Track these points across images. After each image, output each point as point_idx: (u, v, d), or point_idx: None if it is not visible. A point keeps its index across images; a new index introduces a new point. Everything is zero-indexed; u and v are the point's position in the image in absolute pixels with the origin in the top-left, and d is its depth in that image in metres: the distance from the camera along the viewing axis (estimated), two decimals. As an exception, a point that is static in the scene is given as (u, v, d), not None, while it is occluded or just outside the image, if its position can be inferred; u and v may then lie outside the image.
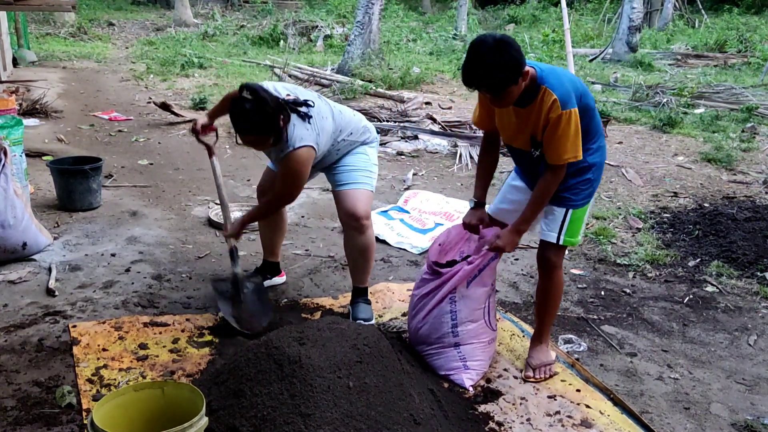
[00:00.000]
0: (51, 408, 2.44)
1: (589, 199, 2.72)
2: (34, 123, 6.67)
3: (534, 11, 20.15)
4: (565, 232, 2.69)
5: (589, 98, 2.59)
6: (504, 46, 2.31)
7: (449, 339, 2.79)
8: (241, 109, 2.74)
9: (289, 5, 19.51)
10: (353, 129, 3.13)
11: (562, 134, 2.44)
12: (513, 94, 2.41)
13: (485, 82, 2.36)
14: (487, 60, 2.31)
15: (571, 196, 2.67)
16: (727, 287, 3.86)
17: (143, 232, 4.21)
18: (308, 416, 2.08)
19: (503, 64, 2.30)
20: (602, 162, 2.72)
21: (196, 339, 2.97)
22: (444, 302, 2.78)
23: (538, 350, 2.88)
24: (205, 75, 10.30)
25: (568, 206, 2.68)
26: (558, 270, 2.79)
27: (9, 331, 2.96)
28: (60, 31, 14.05)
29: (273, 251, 3.53)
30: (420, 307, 2.88)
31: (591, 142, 2.65)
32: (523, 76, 2.37)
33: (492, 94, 2.41)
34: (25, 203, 3.73)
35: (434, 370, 2.83)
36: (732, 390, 2.87)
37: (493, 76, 2.33)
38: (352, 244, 3.19)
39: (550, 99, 2.42)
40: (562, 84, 2.44)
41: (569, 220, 2.68)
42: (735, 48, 14.39)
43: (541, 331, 2.90)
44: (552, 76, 2.47)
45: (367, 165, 3.19)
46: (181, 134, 6.81)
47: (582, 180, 2.66)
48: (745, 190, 5.66)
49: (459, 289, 2.75)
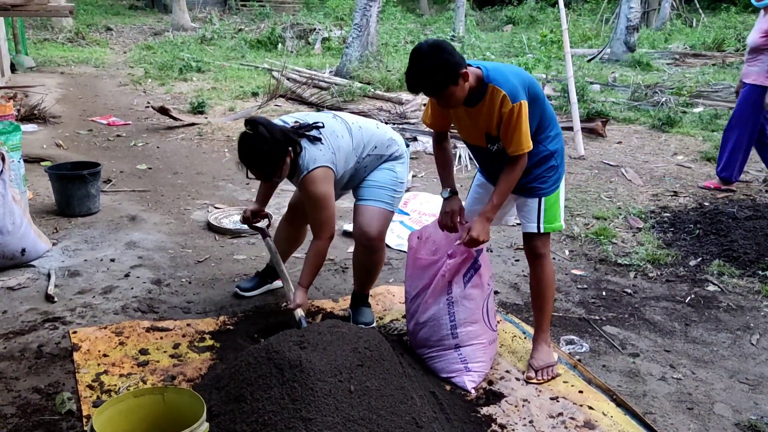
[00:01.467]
0: (51, 415, 2.42)
1: (558, 183, 2.80)
2: (32, 128, 6.67)
3: (531, 12, 20.17)
4: (543, 219, 2.78)
5: (536, 88, 2.65)
6: (437, 50, 2.45)
7: (449, 341, 2.78)
8: (243, 144, 2.82)
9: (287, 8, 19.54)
10: (377, 142, 3.10)
11: (516, 126, 2.52)
12: (456, 95, 2.51)
13: (424, 85, 2.49)
14: (423, 65, 2.44)
15: (539, 185, 2.76)
16: (728, 286, 3.85)
17: (142, 236, 4.20)
18: (309, 421, 2.07)
19: (438, 68, 2.42)
20: (563, 147, 2.82)
21: (197, 344, 2.96)
22: (441, 304, 2.78)
23: (540, 351, 2.88)
24: (204, 79, 10.30)
25: (540, 195, 2.77)
26: (546, 258, 2.84)
27: (8, 337, 2.94)
28: (58, 36, 14.06)
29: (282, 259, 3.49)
30: (415, 309, 2.87)
31: (548, 129, 2.74)
32: (462, 77, 2.47)
33: (433, 96, 2.54)
34: (23, 209, 3.72)
35: (435, 372, 2.81)
36: (735, 390, 2.86)
37: (429, 79, 2.45)
38: (360, 259, 3.17)
39: (499, 95, 2.51)
40: (508, 80, 2.53)
41: (544, 207, 2.77)
42: (733, 46, 14.39)
43: (541, 327, 2.90)
44: (497, 73, 2.56)
45: (392, 183, 3.13)
46: (180, 138, 6.81)
47: (547, 168, 2.75)
48: (745, 189, 5.65)
49: (456, 291, 2.74)
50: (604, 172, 6.12)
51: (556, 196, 2.80)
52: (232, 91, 9.27)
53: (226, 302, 3.40)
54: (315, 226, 2.97)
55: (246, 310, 3.32)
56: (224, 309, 3.33)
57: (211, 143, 6.68)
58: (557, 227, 2.83)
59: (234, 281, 3.63)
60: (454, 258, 2.72)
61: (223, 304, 3.39)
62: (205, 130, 7.11)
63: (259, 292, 3.48)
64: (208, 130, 7.11)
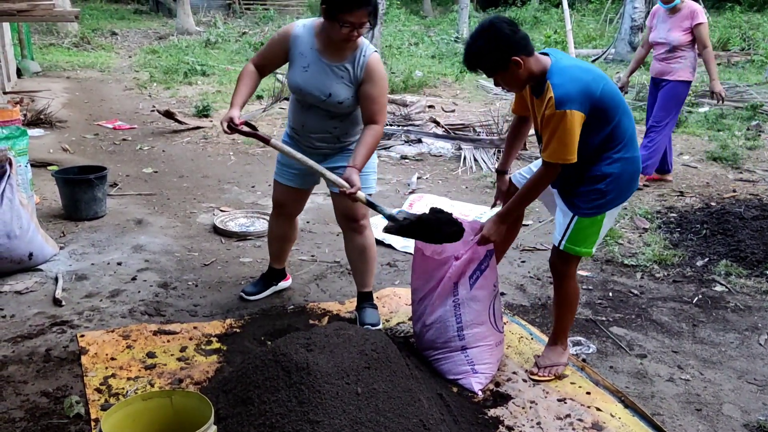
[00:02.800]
0: (59, 418, 2.43)
1: (601, 211, 2.61)
2: (38, 133, 6.69)
3: (535, 13, 20.14)
4: (567, 237, 2.65)
5: (614, 99, 2.48)
6: (490, 32, 2.41)
7: (456, 343, 2.77)
8: None
9: (291, 11, 19.57)
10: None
11: (552, 133, 2.44)
12: (506, 80, 2.49)
13: (474, 65, 2.50)
14: (475, 46, 2.45)
15: (578, 202, 2.63)
16: (736, 286, 3.84)
17: (149, 240, 4.21)
18: (317, 423, 2.07)
19: (487, 51, 2.42)
20: (622, 174, 2.57)
21: (204, 347, 2.97)
22: (447, 306, 2.77)
23: (551, 350, 2.87)
24: (208, 82, 10.33)
25: (575, 212, 2.64)
26: (567, 280, 2.75)
27: (16, 341, 2.96)
28: (63, 41, 14.11)
29: (281, 258, 3.50)
30: (422, 311, 2.86)
31: (612, 150, 2.55)
32: (515, 64, 2.43)
33: (487, 75, 2.52)
34: (30, 213, 3.73)
35: (442, 374, 2.81)
36: (744, 390, 2.84)
37: (479, 60, 2.47)
38: (351, 246, 3.18)
39: (548, 95, 2.43)
40: (564, 84, 2.41)
41: (573, 226, 2.64)
42: (738, 46, 14.34)
43: (557, 334, 2.88)
44: (561, 72, 2.45)
45: (370, 166, 3.08)
46: (185, 142, 6.83)
47: (592, 189, 2.58)
48: (752, 189, 5.62)
49: (462, 293, 2.74)
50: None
51: (593, 221, 2.61)
52: (237, 95, 9.27)
53: (232, 305, 3.41)
54: (378, 110, 2.82)
55: (253, 313, 3.32)
56: (231, 312, 3.33)
57: (216, 146, 6.69)
58: (583, 252, 2.66)
59: (240, 284, 3.64)
60: (461, 259, 2.72)
61: (230, 306, 3.39)
62: (210, 134, 7.12)
63: (265, 295, 3.48)
64: (213, 134, 7.13)
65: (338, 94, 2.83)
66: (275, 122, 7.75)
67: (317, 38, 2.84)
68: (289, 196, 3.24)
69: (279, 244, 3.44)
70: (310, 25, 2.89)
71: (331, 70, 2.83)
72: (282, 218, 3.35)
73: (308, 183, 3.22)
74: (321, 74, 2.83)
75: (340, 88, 2.83)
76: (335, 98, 2.84)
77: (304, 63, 2.85)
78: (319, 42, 2.84)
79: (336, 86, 2.83)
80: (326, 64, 2.83)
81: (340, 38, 2.72)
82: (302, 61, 2.85)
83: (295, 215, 3.39)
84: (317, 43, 2.84)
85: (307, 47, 2.85)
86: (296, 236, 3.52)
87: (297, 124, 3.01)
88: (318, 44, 2.84)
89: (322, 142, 2.98)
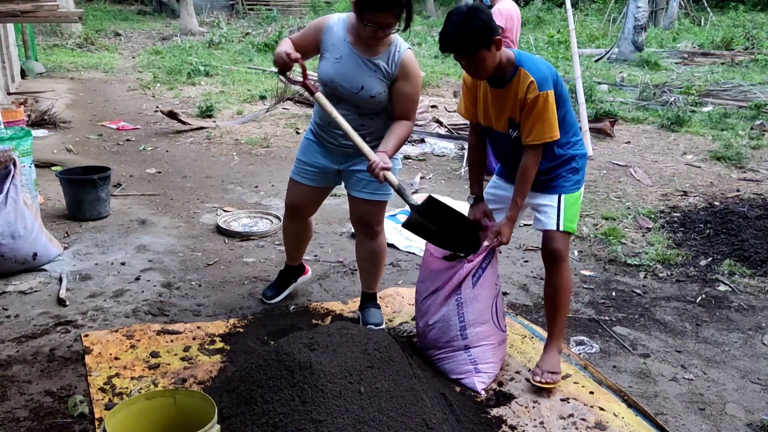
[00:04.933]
0: (63, 418, 2.44)
1: (579, 185, 2.77)
2: (42, 134, 6.71)
3: (538, 12, 20.15)
4: (563, 217, 2.72)
5: (564, 89, 2.64)
6: (474, 11, 2.46)
7: (458, 342, 2.77)
8: None
9: (294, 11, 19.59)
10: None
11: (537, 115, 2.51)
12: (486, 62, 2.50)
13: (457, 43, 2.47)
14: (458, 23, 2.45)
15: (561, 183, 2.74)
16: (739, 286, 3.83)
17: (152, 240, 4.22)
18: (320, 422, 2.07)
19: (473, 27, 2.43)
20: (584, 154, 2.80)
21: (207, 346, 2.97)
22: (450, 305, 2.77)
23: (549, 356, 2.81)
24: (212, 83, 10.35)
25: (560, 192, 2.73)
26: (564, 263, 2.77)
27: (21, 341, 2.97)
28: (67, 42, 14.15)
29: (297, 256, 3.45)
30: (425, 310, 2.86)
31: (571, 135, 2.73)
32: (496, 44, 2.47)
33: (465, 56, 2.49)
34: (34, 214, 3.75)
35: (445, 374, 2.81)
36: (747, 390, 2.84)
37: (464, 36, 2.44)
38: (362, 249, 3.18)
39: (527, 80, 2.50)
40: (539, 68, 2.53)
41: (564, 205, 2.72)
42: (742, 45, 14.32)
43: (554, 334, 2.84)
44: (529, 60, 2.57)
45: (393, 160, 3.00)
46: (189, 142, 6.84)
47: (569, 168, 2.74)
48: (756, 188, 5.61)
49: (465, 292, 2.74)
50: (613, 172, 6.10)
51: (576, 197, 2.76)
52: (240, 95, 9.30)
53: (236, 305, 3.42)
54: (411, 108, 2.84)
55: (256, 313, 3.33)
56: (234, 311, 3.34)
57: (219, 147, 6.71)
58: (574, 228, 2.76)
59: (244, 284, 3.64)
60: (473, 262, 2.72)
61: (233, 306, 3.40)
62: (214, 134, 7.13)
63: (285, 295, 3.43)
64: (217, 134, 7.14)
65: (371, 88, 2.79)
66: (278, 122, 7.76)
67: (349, 32, 2.83)
68: (307, 196, 3.16)
69: (295, 243, 3.40)
70: (345, 18, 2.88)
71: (365, 64, 2.80)
72: (302, 221, 3.29)
73: (329, 181, 3.14)
74: (354, 66, 2.80)
75: (374, 82, 2.80)
76: (367, 92, 2.80)
77: (337, 54, 2.83)
78: (351, 35, 2.83)
79: (369, 80, 2.79)
80: (359, 57, 2.80)
81: (366, 36, 2.71)
82: (335, 52, 2.83)
83: (308, 216, 3.32)
84: (350, 36, 2.83)
85: (340, 39, 2.84)
86: (311, 234, 3.47)
87: (323, 119, 2.95)
88: (351, 37, 2.83)
89: (347, 140, 2.84)
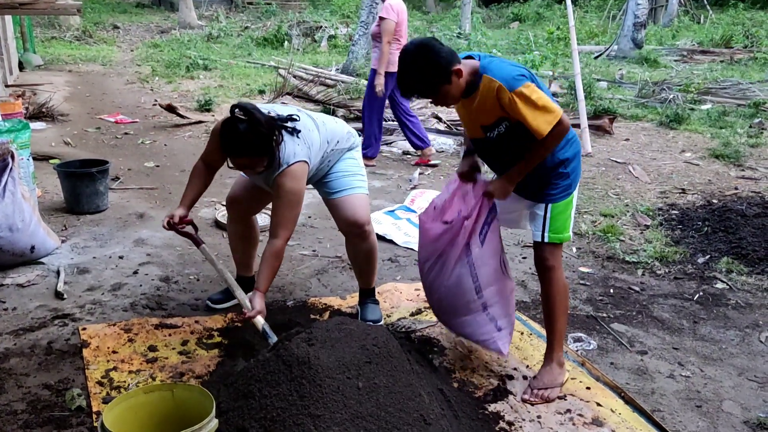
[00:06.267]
0: (61, 411, 2.44)
1: (569, 192, 2.68)
2: (40, 126, 6.70)
3: (538, 9, 20.09)
4: (548, 228, 2.66)
5: (542, 88, 2.51)
6: (424, 51, 2.42)
7: (476, 303, 2.74)
8: (235, 130, 2.60)
9: (293, 6, 19.52)
10: (339, 137, 3.02)
11: (526, 110, 2.41)
12: (451, 93, 2.48)
13: (416, 89, 2.49)
14: (412, 68, 2.43)
15: (549, 191, 2.66)
16: (737, 284, 3.84)
17: (150, 234, 4.22)
18: (318, 417, 2.08)
19: (427, 70, 2.40)
20: (575, 154, 2.68)
21: (205, 341, 2.97)
22: (462, 267, 2.71)
23: (546, 371, 2.73)
24: (210, 77, 10.33)
25: (547, 201, 2.66)
26: (554, 271, 2.69)
27: (18, 334, 2.96)
28: (65, 34, 14.11)
29: (248, 264, 3.36)
30: (434, 277, 2.81)
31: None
32: (456, 74, 2.43)
33: (428, 98, 2.51)
34: (32, 207, 3.74)
35: (466, 338, 2.84)
36: (744, 387, 2.85)
37: (420, 82, 2.44)
38: (356, 251, 3.15)
39: (494, 86, 2.43)
40: (502, 68, 2.46)
41: (550, 215, 2.65)
42: (741, 43, 14.30)
43: (552, 345, 2.75)
44: (491, 64, 2.49)
45: (359, 169, 3.10)
46: (187, 136, 6.83)
47: (557, 174, 2.64)
48: (754, 186, 5.62)
49: (474, 251, 2.68)
50: (612, 170, 6.10)
51: (565, 205, 2.67)
52: (238, 89, 9.29)
53: (234, 299, 3.41)
54: (279, 223, 2.77)
55: (254, 307, 3.32)
56: (232, 306, 3.34)
57: (218, 141, 6.69)
58: (564, 238, 2.69)
59: (242, 278, 3.64)
60: (471, 217, 2.67)
61: (231, 301, 3.39)
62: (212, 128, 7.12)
63: (231, 304, 3.32)
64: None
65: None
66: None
67: None
68: (247, 190, 3.14)
69: (238, 245, 3.30)
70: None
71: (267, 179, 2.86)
72: (243, 219, 3.24)
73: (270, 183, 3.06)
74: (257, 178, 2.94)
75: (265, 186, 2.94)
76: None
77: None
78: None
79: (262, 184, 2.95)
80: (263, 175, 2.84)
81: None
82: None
83: (249, 215, 3.26)
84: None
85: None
86: (257, 237, 3.35)
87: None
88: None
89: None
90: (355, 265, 3.25)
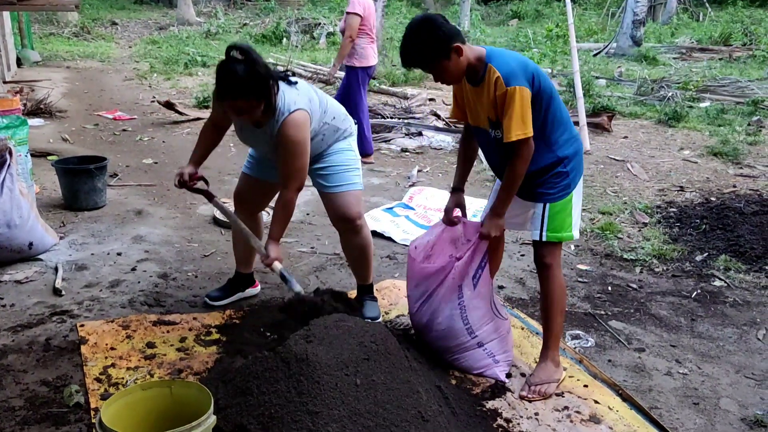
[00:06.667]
0: (59, 407, 2.44)
1: (568, 191, 2.64)
2: (38, 123, 6.69)
3: (537, 6, 20.08)
4: (546, 227, 2.64)
5: (546, 83, 2.53)
6: (427, 24, 2.44)
7: (470, 342, 2.76)
8: (232, 70, 2.50)
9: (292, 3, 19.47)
10: (335, 113, 2.99)
11: (507, 111, 2.43)
12: (450, 70, 2.48)
13: (415, 59, 2.48)
14: (413, 39, 2.45)
15: (546, 190, 2.63)
16: (735, 281, 3.84)
17: (149, 230, 4.21)
18: (316, 414, 2.08)
19: (428, 42, 2.42)
20: (576, 152, 2.66)
21: (204, 337, 2.97)
22: (452, 309, 2.73)
23: (541, 368, 2.74)
24: (209, 73, 10.31)
25: (545, 200, 2.64)
26: (552, 269, 2.68)
27: (16, 330, 2.96)
28: (63, 30, 14.08)
29: (248, 261, 3.35)
30: (422, 316, 2.83)
31: (558, 133, 2.60)
32: (455, 51, 2.44)
33: (426, 70, 2.51)
34: (30, 203, 3.73)
35: (466, 371, 2.80)
36: (741, 385, 2.85)
37: (419, 53, 2.45)
38: (350, 246, 3.15)
39: (494, 76, 2.45)
40: (507, 63, 2.47)
41: (548, 214, 2.63)
42: (740, 41, 14.30)
43: (547, 344, 2.75)
44: (498, 56, 2.51)
45: (354, 162, 3.08)
46: (185, 133, 6.82)
47: (555, 173, 2.61)
48: (752, 184, 5.63)
49: (466, 293, 2.71)
50: (610, 167, 6.11)
51: (565, 203, 2.64)
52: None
53: (232, 296, 3.41)
54: (286, 174, 2.75)
55: (252, 304, 3.33)
56: (230, 303, 3.34)
57: (216, 138, 6.69)
58: (565, 237, 2.66)
59: (240, 275, 3.63)
60: (462, 259, 2.70)
61: (229, 298, 3.39)
62: (211, 125, 7.11)
63: (229, 301, 3.33)
64: (214, 125, 7.12)
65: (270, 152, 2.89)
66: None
67: None
68: (253, 187, 3.15)
69: (242, 243, 3.25)
70: None
71: (257, 131, 2.84)
72: (249, 214, 3.21)
73: (271, 175, 3.04)
74: (250, 133, 2.88)
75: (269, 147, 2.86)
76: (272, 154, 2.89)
77: (239, 123, 2.90)
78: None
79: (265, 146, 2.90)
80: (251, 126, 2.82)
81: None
82: (237, 121, 2.89)
83: (257, 211, 3.26)
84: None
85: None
86: (261, 234, 3.25)
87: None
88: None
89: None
90: (350, 261, 3.25)
